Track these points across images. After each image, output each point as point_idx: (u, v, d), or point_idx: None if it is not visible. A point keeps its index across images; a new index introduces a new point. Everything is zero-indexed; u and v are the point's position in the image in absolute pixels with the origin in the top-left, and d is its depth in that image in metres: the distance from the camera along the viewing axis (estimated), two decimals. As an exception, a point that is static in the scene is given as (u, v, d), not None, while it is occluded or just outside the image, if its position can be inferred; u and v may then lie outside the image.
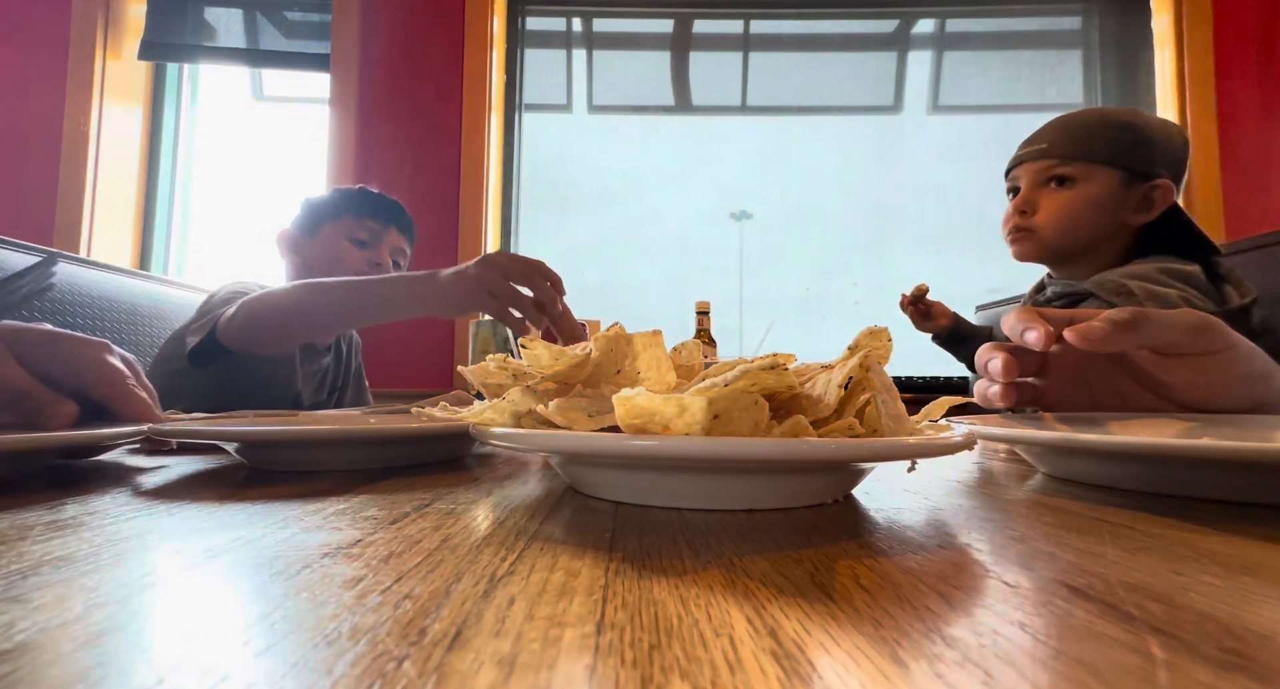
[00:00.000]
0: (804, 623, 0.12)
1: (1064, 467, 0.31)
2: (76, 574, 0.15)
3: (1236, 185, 1.73)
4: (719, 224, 1.93)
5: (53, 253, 0.88)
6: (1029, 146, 0.89)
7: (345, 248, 1.00)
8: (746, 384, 0.21)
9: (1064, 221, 0.86)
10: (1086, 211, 0.85)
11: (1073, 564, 0.16)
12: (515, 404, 0.26)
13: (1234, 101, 1.76)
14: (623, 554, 0.17)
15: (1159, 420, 0.38)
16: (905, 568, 0.16)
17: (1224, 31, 1.78)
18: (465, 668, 0.10)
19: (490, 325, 0.83)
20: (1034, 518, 0.22)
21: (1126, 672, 0.10)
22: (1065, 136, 0.87)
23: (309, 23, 1.90)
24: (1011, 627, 0.12)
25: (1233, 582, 0.15)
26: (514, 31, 1.93)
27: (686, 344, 0.33)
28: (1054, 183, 0.86)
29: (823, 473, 0.23)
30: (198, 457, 0.41)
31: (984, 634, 0.12)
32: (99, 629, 0.12)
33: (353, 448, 0.34)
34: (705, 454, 0.19)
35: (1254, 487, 0.25)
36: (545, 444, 0.22)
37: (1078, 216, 0.86)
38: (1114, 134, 0.85)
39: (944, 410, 0.28)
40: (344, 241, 1.00)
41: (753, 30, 1.95)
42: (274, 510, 0.23)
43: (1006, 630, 0.12)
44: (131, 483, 0.30)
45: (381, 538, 0.19)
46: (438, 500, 0.25)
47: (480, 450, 0.44)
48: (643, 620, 0.12)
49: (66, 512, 0.23)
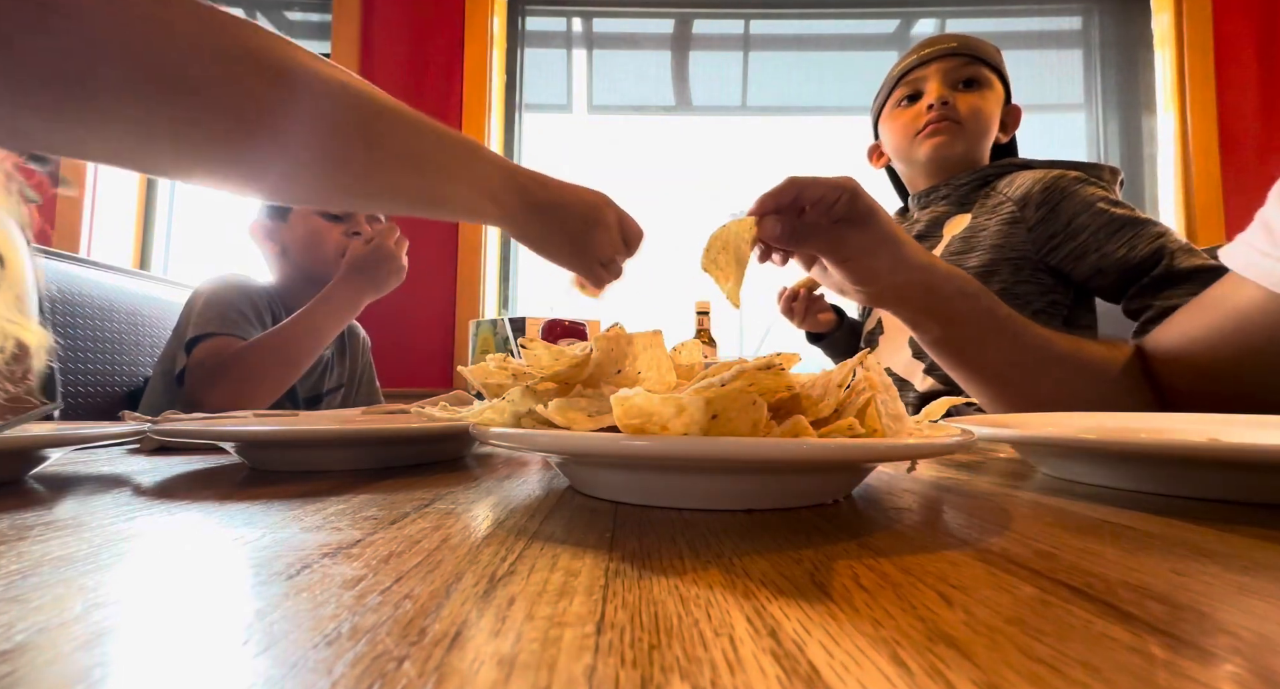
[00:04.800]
0: (804, 623, 0.12)
1: (1064, 467, 0.31)
2: (76, 574, 0.15)
3: (1236, 185, 1.73)
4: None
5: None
6: (933, 47, 0.88)
7: (318, 225, 0.98)
8: (744, 384, 0.21)
9: (984, 120, 0.87)
10: (994, 115, 0.88)
11: (1073, 564, 0.16)
12: (515, 404, 0.26)
13: (1234, 101, 1.76)
14: (623, 554, 0.17)
15: (1160, 420, 0.38)
16: (905, 568, 0.16)
17: (1224, 31, 1.78)
18: (465, 668, 0.10)
19: (490, 325, 0.84)
20: (1034, 518, 0.22)
21: (1126, 672, 0.10)
22: (970, 41, 0.88)
23: (309, 23, 1.90)
24: (1011, 626, 0.12)
25: (1233, 582, 0.15)
26: (514, 31, 1.93)
27: (686, 344, 0.33)
28: (963, 85, 0.86)
29: (823, 473, 0.23)
30: (198, 456, 0.41)
31: (983, 634, 0.12)
32: (99, 629, 0.12)
33: (353, 448, 0.34)
34: (705, 454, 0.19)
35: (1254, 487, 0.25)
36: (545, 444, 0.22)
37: (990, 118, 0.87)
38: (996, 50, 0.89)
39: (944, 410, 0.28)
40: (315, 218, 0.98)
41: (753, 30, 1.95)
42: (274, 510, 0.23)
43: (1006, 630, 0.12)
44: (131, 483, 0.30)
45: (381, 538, 0.19)
46: (438, 500, 0.25)
47: (480, 450, 0.44)
48: (643, 620, 0.12)
49: (66, 512, 0.23)
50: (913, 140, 0.88)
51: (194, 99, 0.33)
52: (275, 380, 0.80)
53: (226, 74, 0.34)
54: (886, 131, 0.94)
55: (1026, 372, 0.51)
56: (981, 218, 0.83)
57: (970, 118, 0.85)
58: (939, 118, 0.85)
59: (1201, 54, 1.77)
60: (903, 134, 0.90)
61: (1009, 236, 0.79)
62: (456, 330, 1.74)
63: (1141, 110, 1.86)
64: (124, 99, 0.32)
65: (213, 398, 0.75)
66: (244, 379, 0.77)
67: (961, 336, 0.51)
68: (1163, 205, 1.81)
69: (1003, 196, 0.82)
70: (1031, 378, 0.51)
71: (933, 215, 0.90)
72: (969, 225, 0.84)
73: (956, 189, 0.88)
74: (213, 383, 0.77)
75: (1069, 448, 0.30)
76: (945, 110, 0.85)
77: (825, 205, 0.46)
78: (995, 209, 0.82)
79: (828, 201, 0.45)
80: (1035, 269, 0.78)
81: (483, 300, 1.78)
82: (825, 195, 0.45)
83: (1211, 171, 1.74)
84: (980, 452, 0.43)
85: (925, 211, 0.92)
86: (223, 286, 0.90)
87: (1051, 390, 0.50)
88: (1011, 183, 0.82)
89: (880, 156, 1.01)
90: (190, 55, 0.32)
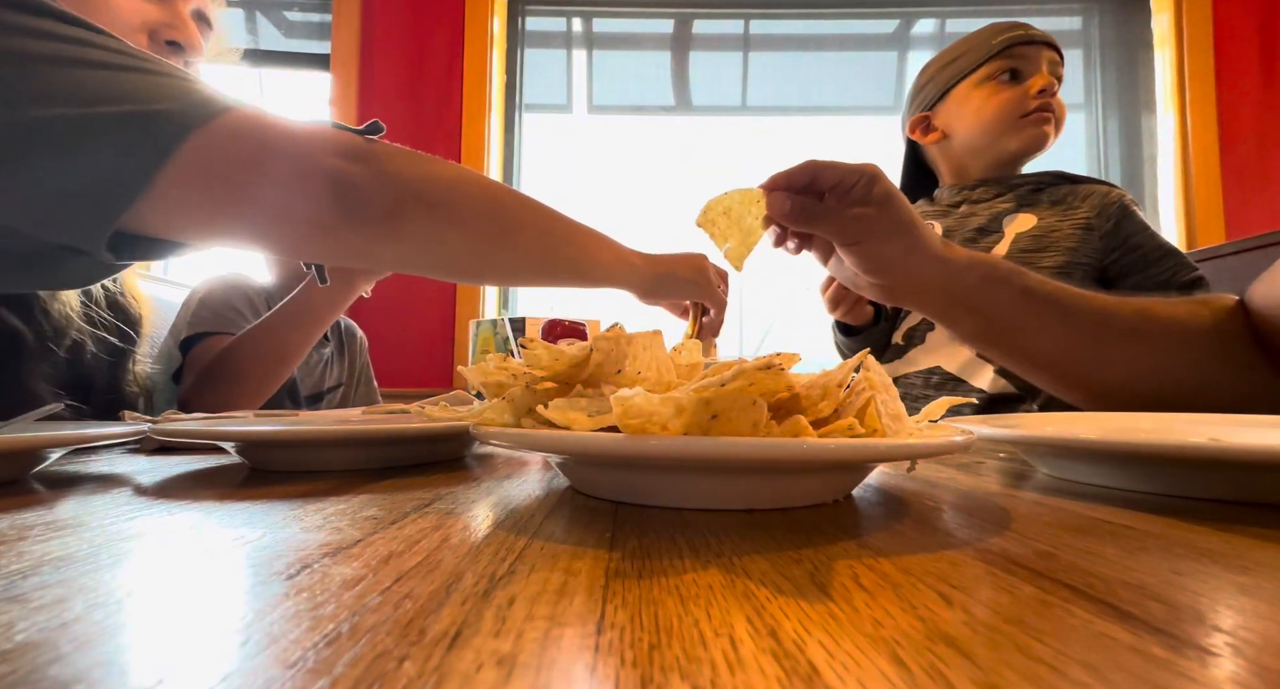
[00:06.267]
0: (804, 623, 0.12)
1: (1064, 467, 0.31)
2: (76, 574, 0.15)
3: (1236, 185, 1.73)
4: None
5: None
6: (1037, 32, 0.82)
7: None
8: (743, 384, 0.21)
9: (1063, 121, 0.82)
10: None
11: (1073, 564, 0.16)
12: (515, 404, 0.26)
13: (1234, 101, 1.76)
14: (622, 554, 0.17)
15: (1160, 420, 0.38)
16: (905, 568, 0.16)
17: (1224, 31, 1.78)
18: (465, 668, 0.10)
19: (490, 325, 0.84)
20: (1034, 518, 0.22)
21: (1126, 672, 0.10)
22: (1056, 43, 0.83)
23: (309, 23, 1.90)
24: (1011, 626, 0.12)
25: (1233, 582, 0.15)
26: (514, 31, 1.93)
27: (686, 344, 0.33)
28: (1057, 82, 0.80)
29: (823, 473, 0.23)
30: (197, 456, 0.41)
31: (983, 634, 0.12)
32: (99, 629, 0.12)
33: (353, 448, 0.34)
34: (705, 454, 0.19)
35: (1254, 487, 0.25)
36: (545, 444, 0.22)
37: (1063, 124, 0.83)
38: None
39: (944, 410, 0.28)
40: None
41: (753, 30, 1.95)
42: (274, 510, 0.23)
43: (1006, 630, 0.12)
44: (131, 483, 0.30)
45: (381, 538, 0.19)
46: (438, 500, 0.25)
47: (480, 450, 0.44)
48: (643, 620, 0.12)
49: (66, 512, 0.23)
50: (1014, 122, 0.79)
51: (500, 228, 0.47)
52: (265, 375, 0.79)
53: (510, 207, 0.48)
54: (969, 104, 0.82)
55: (1087, 354, 0.46)
56: (1053, 219, 0.79)
57: (1060, 118, 0.80)
58: (1047, 105, 0.78)
59: (1201, 54, 1.77)
60: (1000, 113, 0.79)
61: (1083, 241, 0.76)
62: (456, 330, 1.74)
63: (1141, 110, 1.86)
64: (469, 237, 0.45)
65: (207, 397, 0.75)
66: (235, 376, 0.76)
67: (998, 327, 0.47)
68: (1163, 205, 1.81)
69: (1077, 203, 0.79)
70: (1095, 360, 0.46)
71: (993, 211, 0.82)
72: (1039, 225, 0.79)
73: (1012, 188, 0.83)
74: (207, 382, 0.77)
75: (1069, 448, 0.30)
76: (1053, 100, 0.79)
77: (843, 189, 0.45)
78: (1068, 213, 0.79)
79: (846, 185, 0.45)
80: (1094, 280, 0.76)
81: (482, 300, 1.78)
82: (844, 178, 0.44)
83: (1211, 171, 1.73)
84: (980, 452, 0.43)
85: (981, 206, 0.84)
86: (219, 285, 0.89)
87: (1123, 370, 0.45)
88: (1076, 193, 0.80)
89: (930, 130, 0.88)
90: (503, 202, 0.48)
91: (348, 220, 0.39)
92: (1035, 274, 0.47)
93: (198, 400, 0.75)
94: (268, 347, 0.78)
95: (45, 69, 0.32)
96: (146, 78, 0.34)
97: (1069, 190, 0.81)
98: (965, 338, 0.51)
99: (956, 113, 0.83)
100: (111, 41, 0.35)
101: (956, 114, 0.83)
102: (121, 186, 0.33)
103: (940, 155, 0.89)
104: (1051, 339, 0.46)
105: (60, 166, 0.32)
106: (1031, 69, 0.79)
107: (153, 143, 0.33)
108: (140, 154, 0.33)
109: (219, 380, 0.76)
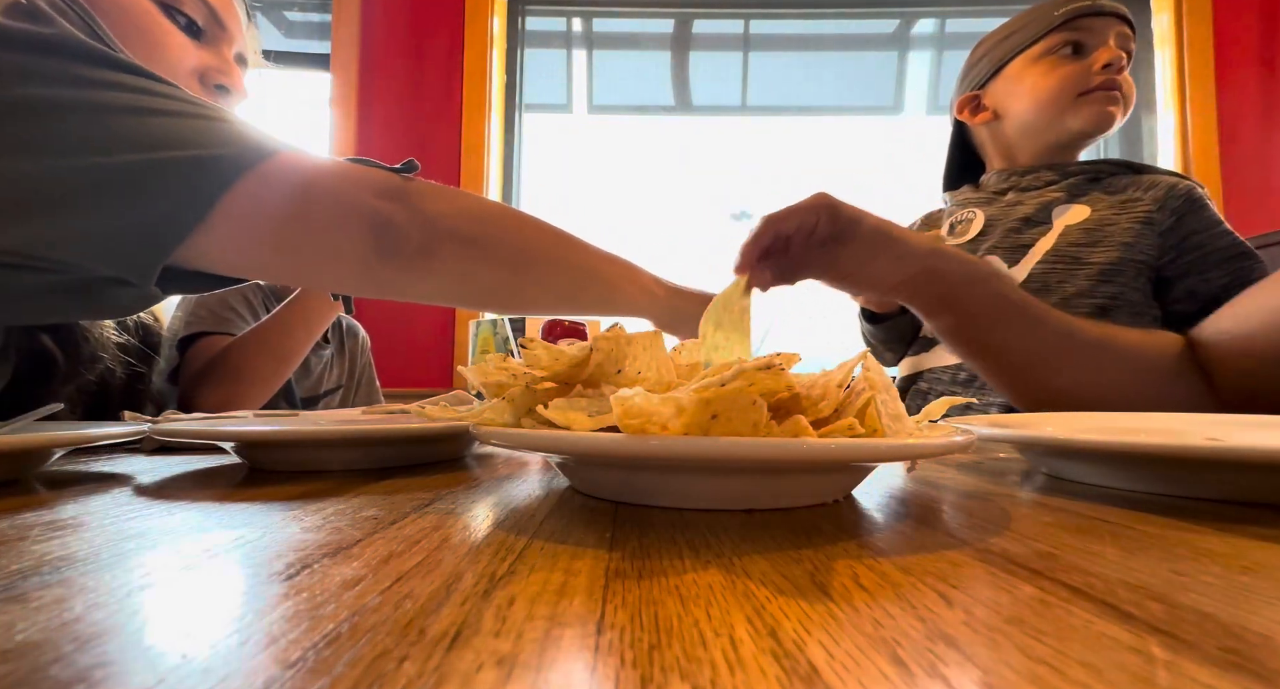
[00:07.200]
0: (804, 623, 0.12)
1: (1064, 467, 0.31)
2: (76, 574, 0.15)
3: (1236, 185, 1.73)
4: (719, 224, 1.93)
5: None
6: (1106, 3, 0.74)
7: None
8: (743, 384, 0.21)
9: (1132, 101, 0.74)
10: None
11: (1072, 564, 0.16)
12: (515, 404, 0.26)
13: (1234, 101, 1.76)
14: (622, 554, 0.17)
15: (1160, 420, 0.38)
16: (905, 568, 0.16)
17: (1224, 31, 1.78)
18: (465, 668, 0.10)
19: (490, 325, 0.84)
20: (1034, 518, 0.22)
21: (1126, 672, 0.10)
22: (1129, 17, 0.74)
23: (309, 23, 1.90)
24: (1011, 626, 0.12)
25: (1232, 582, 0.15)
26: (514, 31, 1.93)
27: (687, 344, 0.33)
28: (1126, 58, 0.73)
29: (823, 473, 0.23)
30: (197, 456, 0.41)
31: (983, 634, 0.12)
32: (99, 629, 0.12)
33: (353, 448, 0.34)
34: (705, 454, 0.19)
35: (1254, 487, 0.25)
36: (545, 444, 0.22)
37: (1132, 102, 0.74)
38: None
39: (944, 410, 0.28)
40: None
41: (753, 30, 1.95)
42: (274, 510, 0.23)
43: (1006, 630, 0.12)
44: (131, 483, 0.30)
45: (381, 538, 0.19)
46: (438, 500, 0.25)
47: (480, 450, 0.44)
48: (643, 620, 0.12)
49: (66, 512, 0.23)
50: (1075, 99, 0.73)
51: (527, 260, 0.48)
52: (266, 376, 0.79)
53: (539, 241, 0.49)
54: (1025, 80, 0.76)
55: (1046, 361, 0.48)
56: (1109, 212, 0.73)
57: (1129, 97, 0.72)
58: (1113, 84, 0.71)
59: (1201, 54, 1.77)
60: (1059, 89, 0.73)
61: (1141, 236, 0.70)
62: (456, 330, 1.74)
63: (1141, 110, 1.86)
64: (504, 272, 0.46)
65: (205, 397, 0.75)
66: (234, 376, 0.76)
67: (973, 324, 0.49)
68: (1163, 205, 1.81)
69: (1138, 195, 0.73)
70: (1051, 368, 0.48)
71: (1041, 201, 0.76)
72: (1092, 217, 0.73)
73: (1066, 176, 0.76)
74: (204, 382, 0.77)
75: (1069, 448, 0.30)
76: (1119, 78, 0.71)
77: (806, 231, 0.45)
78: (1126, 205, 0.72)
79: (807, 227, 0.44)
80: (1149, 279, 0.71)
81: (483, 300, 1.78)
82: (803, 222, 0.44)
83: (1211, 171, 1.73)
84: (980, 452, 0.43)
85: (1030, 195, 0.77)
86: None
87: (1074, 382, 0.48)
88: (1139, 183, 0.74)
89: (981, 110, 0.81)
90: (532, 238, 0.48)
91: (384, 258, 0.41)
92: (1011, 281, 0.49)
93: (198, 400, 0.75)
94: (270, 346, 0.78)
95: (113, 118, 0.34)
96: (202, 123, 0.36)
97: (1130, 180, 0.74)
98: (941, 333, 0.52)
99: (1010, 90, 0.77)
100: (170, 89, 0.37)
101: (1010, 91, 0.77)
102: (176, 225, 0.35)
103: (989, 138, 0.83)
104: (1018, 342, 0.49)
105: (125, 208, 0.34)
106: (1097, 42, 0.72)
107: (208, 185, 0.36)
108: (197, 195, 0.35)
109: (220, 380, 0.76)
